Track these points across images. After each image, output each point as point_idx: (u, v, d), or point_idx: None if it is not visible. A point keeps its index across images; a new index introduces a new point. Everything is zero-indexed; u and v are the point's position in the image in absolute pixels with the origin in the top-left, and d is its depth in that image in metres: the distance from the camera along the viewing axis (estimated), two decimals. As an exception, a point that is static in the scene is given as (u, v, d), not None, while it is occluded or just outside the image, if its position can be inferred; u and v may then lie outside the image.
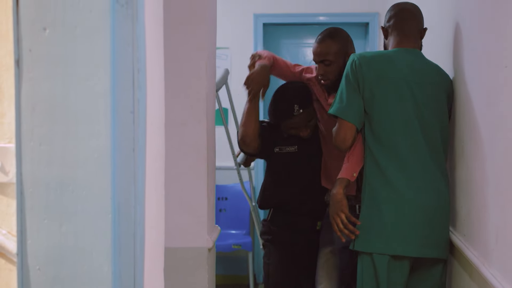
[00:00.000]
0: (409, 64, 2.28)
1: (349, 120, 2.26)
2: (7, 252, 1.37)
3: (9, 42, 1.26)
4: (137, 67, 1.06)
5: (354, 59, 2.28)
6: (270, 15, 4.83)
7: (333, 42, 2.61)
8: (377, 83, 2.24)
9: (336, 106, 2.30)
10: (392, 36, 2.38)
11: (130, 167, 1.06)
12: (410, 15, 2.39)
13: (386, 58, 2.30)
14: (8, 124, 1.35)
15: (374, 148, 2.26)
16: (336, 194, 2.31)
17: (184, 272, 2.22)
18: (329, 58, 2.59)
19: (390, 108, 2.24)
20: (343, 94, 2.28)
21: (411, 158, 2.23)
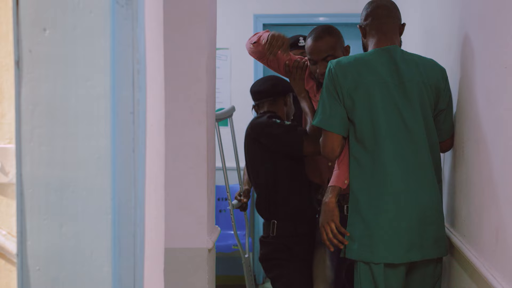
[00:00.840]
0: (387, 64, 2.25)
1: (335, 131, 2.25)
2: (7, 252, 1.37)
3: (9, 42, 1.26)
4: (137, 67, 1.06)
5: (330, 67, 2.27)
6: (270, 15, 4.84)
7: (331, 37, 2.62)
8: (355, 90, 2.22)
9: (319, 117, 2.28)
10: (370, 36, 2.35)
11: (130, 167, 1.06)
12: (387, 12, 2.34)
13: (362, 62, 2.27)
14: (8, 124, 1.35)
15: (358, 155, 2.24)
16: (329, 203, 2.31)
17: (184, 272, 2.22)
18: (332, 53, 2.59)
19: (371, 114, 2.22)
20: (325, 104, 2.26)
21: (396, 162, 2.21)
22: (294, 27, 4.92)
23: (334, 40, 2.60)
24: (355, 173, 2.26)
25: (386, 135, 2.21)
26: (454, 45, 2.43)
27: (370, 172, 2.22)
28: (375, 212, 2.21)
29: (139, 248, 1.08)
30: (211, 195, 2.33)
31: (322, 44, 2.59)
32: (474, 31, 2.14)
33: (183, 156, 2.22)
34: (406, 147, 2.23)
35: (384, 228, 2.20)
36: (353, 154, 2.26)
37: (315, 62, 2.63)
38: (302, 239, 2.79)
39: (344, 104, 2.24)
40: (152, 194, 1.16)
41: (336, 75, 2.23)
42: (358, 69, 2.24)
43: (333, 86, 2.24)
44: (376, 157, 2.22)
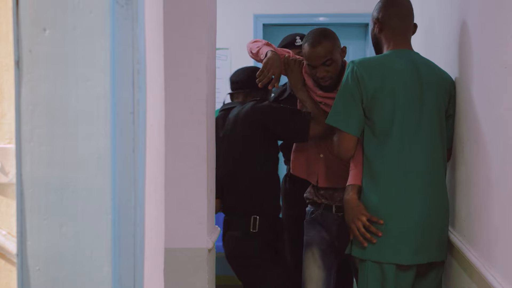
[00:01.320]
0: (408, 66, 2.26)
1: (351, 132, 2.24)
2: (7, 252, 1.37)
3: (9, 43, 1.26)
4: (137, 68, 1.06)
5: (353, 67, 2.24)
6: (270, 15, 4.84)
7: (328, 41, 2.60)
8: (380, 91, 2.21)
9: (337, 116, 2.26)
10: (388, 33, 2.34)
11: (130, 167, 1.06)
12: (407, 11, 2.36)
13: (386, 63, 2.26)
14: (8, 124, 1.35)
15: (371, 155, 2.23)
16: (351, 199, 2.29)
17: (184, 272, 2.22)
18: (332, 57, 2.58)
19: (393, 114, 2.21)
20: (344, 105, 2.25)
21: (411, 164, 2.22)
22: (294, 27, 4.92)
23: (331, 44, 2.59)
24: (366, 173, 2.25)
25: (404, 136, 2.22)
26: (454, 45, 2.43)
27: (383, 173, 2.22)
28: (387, 213, 2.21)
29: (139, 248, 1.08)
30: (211, 195, 2.33)
31: (320, 50, 2.58)
32: (474, 31, 2.14)
33: (183, 156, 2.22)
34: (422, 148, 2.23)
35: (394, 229, 2.20)
36: (366, 154, 2.25)
37: (314, 67, 2.62)
38: (283, 236, 2.82)
39: (364, 105, 2.22)
40: (152, 194, 1.16)
41: (362, 76, 2.21)
42: (383, 70, 2.23)
43: (356, 87, 2.22)
44: (391, 158, 2.21)
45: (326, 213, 2.68)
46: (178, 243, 2.22)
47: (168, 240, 1.52)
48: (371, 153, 2.24)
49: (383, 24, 2.35)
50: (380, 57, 2.33)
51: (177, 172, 2.21)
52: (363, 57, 2.34)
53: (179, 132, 2.21)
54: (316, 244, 2.68)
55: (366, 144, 2.26)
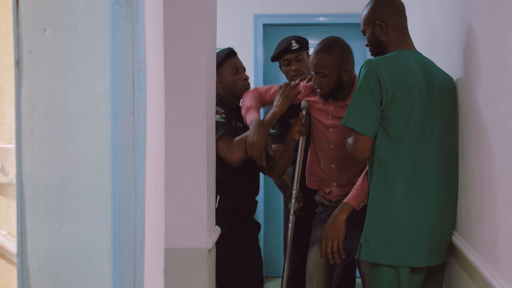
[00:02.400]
0: (420, 67, 2.24)
1: (368, 134, 2.20)
2: (7, 253, 1.37)
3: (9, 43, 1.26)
4: (137, 68, 1.06)
5: (371, 68, 2.18)
6: (270, 15, 4.84)
7: (328, 55, 2.58)
8: (398, 91, 2.17)
9: (355, 118, 2.22)
10: (393, 34, 2.31)
11: (130, 167, 1.06)
12: (403, 9, 2.35)
13: (402, 63, 2.22)
14: (8, 124, 1.35)
15: (384, 156, 2.21)
16: (340, 220, 2.37)
17: (184, 272, 2.22)
18: (323, 71, 2.59)
19: (410, 117, 2.19)
20: (360, 105, 2.21)
21: (426, 164, 2.21)
22: (294, 27, 4.92)
23: (331, 60, 2.57)
24: (379, 175, 2.22)
25: (418, 137, 2.20)
26: (454, 45, 2.43)
27: (396, 174, 2.21)
28: (401, 215, 2.20)
29: (139, 248, 1.08)
30: (211, 195, 2.33)
31: (317, 59, 2.58)
32: (474, 31, 2.14)
33: (183, 156, 2.22)
34: (435, 150, 2.23)
35: (409, 231, 2.20)
36: (378, 156, 2.22)
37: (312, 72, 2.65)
38: (243, 216, 2.83)
39: (382, 105, 2.18)
40: (152, 194, 1.16)
41: (382, 76, 2.16)
42: (401, 70, 2.19)
43: (376, 87, 2.17)
44: (405, 159, 2.20)
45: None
46: (178, 243, 2.22)
47: (168, 240, 1.52)
48: (385, 155, 2.21)
49: (387, 25, 2.31)
50: (395, 56, 2.27)
51: (177, 172, 2.21)
52: (379, 56, 2.28)
53: (179, 132, 2.21)
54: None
55: (379, 146, 2.22)
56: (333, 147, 2.68)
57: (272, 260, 4.82)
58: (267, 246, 4.80)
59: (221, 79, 2.83)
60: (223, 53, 2.89)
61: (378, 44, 2.35)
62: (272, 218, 4.80)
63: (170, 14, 2.14)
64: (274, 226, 4.78)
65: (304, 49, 3.16)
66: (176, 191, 2.21)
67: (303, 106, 2.78)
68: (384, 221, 2.22)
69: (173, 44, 2.17)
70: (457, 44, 2.37)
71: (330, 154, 2.70)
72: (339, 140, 2.64)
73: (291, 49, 3.10)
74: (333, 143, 2.68)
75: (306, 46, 3.18)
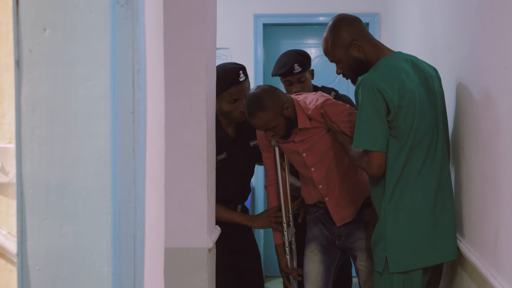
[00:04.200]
0: (409, 66, 2.24)
1: (381, 149, 2.17)
2: (7, 252, 1.37)
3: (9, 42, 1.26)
4: (137, 67, 1.06)
5: (370, 84, 2.13)
6: (270, 15, 4.84)
7: (263, 113, 2.47)
8: (402, 98, 2.14)
9: (362, 139, 2.17)
10: (369, 48, 2.26)
11: (130, 167, 1.06)
12: (362, 23, 2.34)
13: (396, 68, 2.19)
14: (8, 124, 1.35)
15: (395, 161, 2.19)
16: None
17: (184, 272, 2.22)
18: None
19: (416, 118, 2.17)
20: (367, 124, 2.16)
21: (434, 166, 2.21)
22: (294, 27, 4.93)
23: (268, 114, 2.47)
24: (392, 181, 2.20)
25: (426, 135, 2.20)
26: (454, 44, 2.43)
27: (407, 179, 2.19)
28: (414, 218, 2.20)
29: (139, 248, 1.08)
30: (211, 194, 2.33)
31: (256, 122, 2.51)
32: (474, 31, 2.14)
33: (183, 156, 2.22)
34: (442, 144, 2.23)
35: (422, 233, 2.20)
36: (389, 163, 2.19)
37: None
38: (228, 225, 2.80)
39: (389, 117, 2.14)
40: (152, 194, 1.16)
41: (384, 90, 2.12)
42: (399, 77, 2.16)
43: (381, 102, 2.13)
44: (416, 161, 2.19)
45: (327, 213, 2.68)
46: (178, 243, 2.22)
47: (168, 240, 1.52)
48: (393, 160, 2.19)
49: (361, 42, 2.26)
50: (385, 65, 2.22)
51: (177, 172, 2.21)
52: (370, 73, 2.20)
53: (179, 132, 2.21)
54: (317, 239, 2.70)
55: (390, 153, 2.19)
56: (314, 170, 2.63)
57: (272, 260, 4.82)
58: (267, 246, 4.81)
59: (218, 103, 2.66)
60: (229, 78, 2.72)
61: (359, 64, 2.29)
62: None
63: (170, 14, 2.15)
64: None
65: (307, 69, 3.08)
66: (176, 191, 2.21)
67: (273, 144, 2.74)
68: (406, 229, 2.21)
69: (173, 44, 2.17)
70: (457, 44, 2.37)
71: (313, 176, 2.66)
72: (316, 160, 2.61)
73: (293, 73, 3.03)
74: (312, 165, 2.63)
75: (308, 65, 3.09)
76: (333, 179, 2.62)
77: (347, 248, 2.67)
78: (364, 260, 2.61)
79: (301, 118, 2.56)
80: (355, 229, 2.64)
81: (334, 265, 2.72)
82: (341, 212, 2.65)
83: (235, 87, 2.69)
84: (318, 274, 2.67)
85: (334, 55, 2.31)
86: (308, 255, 2.71)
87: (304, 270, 2.72)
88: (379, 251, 2.25)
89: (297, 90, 3.04)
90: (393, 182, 2.20)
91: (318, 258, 2.68)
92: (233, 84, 2.69)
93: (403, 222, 2.21)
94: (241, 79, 2.71)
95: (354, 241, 2.63)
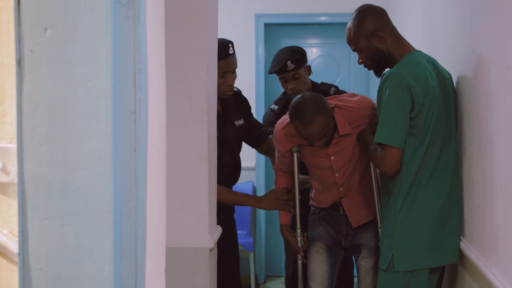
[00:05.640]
0: (431, 66, 2.23)
1: (399, 146, 2.16)
2: (9, 252, 1.37)
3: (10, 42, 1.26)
4: (138, 67, 1.06)
5: (399, 79, 2.13)
6: (271, 15, 4.83)
7: (322, 117, 2.38)
8: (426, 96, 2.14)
9: (384, 133, 2.17)
10: (392, 41, 2.27)
11: (131, 167, 1.06)
12: (388, 15, 2.33)
13: (422, 67, 2.19)
14: (10, 124, 1.35)
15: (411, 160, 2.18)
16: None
17: (185, 272, 2.22)
18: (324, 132, 2.41)
19: (435, 118, 2.17)
20: (392, 119, 2.15)
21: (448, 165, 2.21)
22: (295, 26, 4.92)
23: (325, 119, 2.40)
24: (407, 181, 2.19)
25: (442, 136, 2.20)
26: (455, 44, 2.43)
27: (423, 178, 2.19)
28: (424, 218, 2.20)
29: (141, 247, 1.08)
30: (212, 194, 2.33)
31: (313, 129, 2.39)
32: (475, 31, 2.14)
33: (184, 155, 2.22)
34: (454, 146, 2.23)
35: (430, 234, 2.20)
36: (406, 161, 2.19)
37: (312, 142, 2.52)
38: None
39: (412, 113, 2.14)
40: (153, 193, 1.16)
41: (412, 85, 2.12)
42: (424, 74, 2.16)
43: (407, 97, 2.12)
44: (432, 160, 2.18)
45: (333, 213, 2.68)
46: (180, 243, 2.22)
47: (170, 239, 1.52)
48: (410, 157, 2.18)
49: (384, 33, 2.26)
50: (411, 61, 2.22)
51: (178, 172, 2.21)
52: (397, 68, 2.19)
53: (180, 131, 2.21)
54: (322, 239, 2.69)
55: (407, 151, 2.19)
56: (338, 175, 2.60)
57: (272, 259, 4.82)
58: (268, 245, 4.81)
59: None
60: (218, 52, 2.74)
61: (380, 55, 2.28)
62: (273, 217, 4.80)
63: (171, 14, 2.14)
64: (275, 225, 4.78)
65: (301, 66, 3.07)
66: (177, 191, 2.21)
67: (294, 151, 2.68)
68: (415, 228, 2.20)
69: (174, 43, 2.17)
70: (458, 43, 2.37)
71: (336, 181, 2.62)
72: (341, 164, 2.57)
73: (287, 70, 3.04)
74: (337, 170, 2.58)
75: (303, 62, 3.08)
76: (353, 181, 2.61)
77: (352, 246, 2.66)
78: (366, 256, 2.61)
79: (341, 124, 2.49)
80: (362, 227, 2.64)
81: (338, 264, 2.71)
82: (358, 212, 2.63)
83: (224, 60, 2.71)
84: (324, 273, 2.66)
85: (355, 44, 2.31)
86: (313, 254, 2.69)
87: (309, 270, 2.70)
88: (385, 248, 2.25)
89: (292, 87, 3.06)
90: (409, 180, 2.19)
91: (324, 258, 2.67)
92: (222, 57, 2.71)
93: (414, 221, 2.20)
94: (230, 52, 2.75)
95: (361, 238, 2.63)
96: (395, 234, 2.21)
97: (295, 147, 2.67)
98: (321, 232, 2.70)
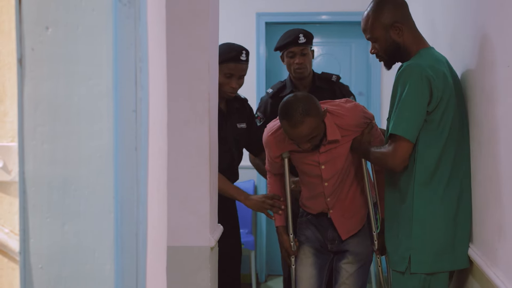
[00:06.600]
0: (446, 63, 2.21)
1: (411, 139, 2.10)
2: (10, 251, 1.37)
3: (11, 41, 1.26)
4: (139, 66, 1.06)
5: (419, 71, 2.08)
6: (272, 14, 4.83)
7: (311, 118, 2.31)
8: (444, 91, 2.10)
9: (401, 125, 2.10)
10: (410, 34, 2.21)
11: (132, 166, 1.06)
12: (408, 8, 2.28)
13: (439, 62, 2.16)
14: (11, 123, 1.35)
15: (427, 158, 2.13)
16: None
17: (186, 271, 2.22)
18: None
19: (453, 115, 2.14)
20: (410, 111, 2.09)
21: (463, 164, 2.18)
22: (296, 25, 4.91)
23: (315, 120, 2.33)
24: (423, 181, 2.15)
25: (461, 136, 2.17)
26: (456, 43, 2.43)
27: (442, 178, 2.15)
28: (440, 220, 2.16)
29: (142, 246, 1.08)
30: (213, 193, 2.33)
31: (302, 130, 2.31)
32: (476, 30, 2.14)
33: (185, 154, 2.22)
34: (467, 145, 2.20)
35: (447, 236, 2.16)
36: (423, 161, 2.14)
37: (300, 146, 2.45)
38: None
39: (429, 107, 2.09)
40: (155, 192, 1.16)
41: (432, 78, 2.07)
42: (442, 69, 2.12)
43: (427, 90, 2.07)
44: (448, 158, 2.14)
45: (320, 217, 2.66)
46: (181, 242, 2.22)
47: (171, 238, 1.52)
48: (428, 155, 2.14)
49: (403, 26, 2.20)
50: (429, 56, 2.18)
51: (180, 170, 2.21)
52: (416, 61, 2.14)
53: (181, 130, 2.21)
54: (310, 242, 2.66)
55: (422, 150, 2.14)
56: (327, 184, 2.56)
57: (274, 258, 4.82)
58: (269, 244, 4.81)
59: None
60: (231, 53, 2.77)
61: (395, 48, 2.23)
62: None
63: (172, 12, 2.14)
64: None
65: (310, 43, 3.15)
66: (179, 190, 2.21)
67: (284, 157, 2.62)
68: (435, 229, 2.16)
69: (175, 43, 2.17)
70: (459, 42, 2.37)
71: (324, 190, 2.59)
72: (331, 174, 2.54)
73: (298, 43, 3.08)
74: (327, 180, 2.55)
75: (311, 41, 3.17)
76: (342, 192, 2.58)
77: (340, 250, 2.64)
78: (351, 261, 2.58)
79: (330, 129, 2.43)
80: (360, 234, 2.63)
81: (327, 267, 2.69)
82: (346, 223, 2.60)
83: (233, 63, 2.77)
84: (312, 277, 2.63)
85: (372, 33, 2.24)
86: (301, 257, 2.67)
87: (297, 273, 2.67)
88: (403, 250, 2.19)
89: (299, 61, 3.09)
90: (425, 181, 2.14)
91: (311, 261, 2.64)
92: (233, 60, 2.77)
93: (432, 222, 2.15)
94: (242, 58, 2.80)
95: (347, 244, 2.61)
96: (413, 234, 2.16)
97: (285, 153, 2.61)
98: (309, 235, 2.67)
